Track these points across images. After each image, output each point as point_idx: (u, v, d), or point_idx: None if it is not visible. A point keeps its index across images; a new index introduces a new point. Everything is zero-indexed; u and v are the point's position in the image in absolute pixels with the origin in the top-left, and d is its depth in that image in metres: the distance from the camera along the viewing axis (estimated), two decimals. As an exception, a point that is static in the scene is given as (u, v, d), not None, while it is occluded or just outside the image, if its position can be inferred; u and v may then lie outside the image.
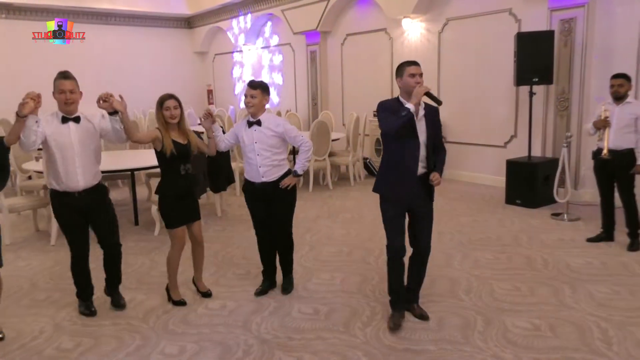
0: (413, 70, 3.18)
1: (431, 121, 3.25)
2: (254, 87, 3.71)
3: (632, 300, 3.64)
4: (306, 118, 10.79)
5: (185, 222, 3.78)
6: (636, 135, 4.60)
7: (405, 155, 3.21)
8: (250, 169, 3.83)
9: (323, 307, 3.73)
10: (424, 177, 3.25)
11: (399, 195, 3.28)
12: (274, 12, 11.15)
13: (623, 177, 4.71)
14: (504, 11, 7.22)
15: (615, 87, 4.66)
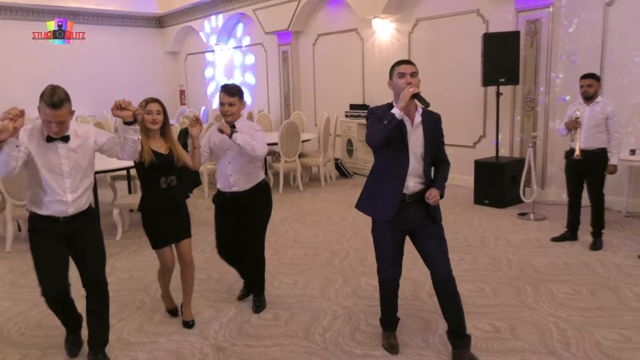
0: (402, 69, 2.75)
1: (430, 130, 2.81)
2: (231, 94, 3.40)
3: (592, 300, 3.65)
4: (278, 118, 10.70)
5: (171, 242, 3.41)
6: (607, 135, 4.62)
7: (393, 168, 2.79)
8: (221, 177, 3.56)
9: (284, 312, 3.65)
10: (420, 195, 2.82)
11: (385, 217, 2.84)
12: (246, 11, 11.04)
13: (594, 177, 4.72)
14: (471, 12, 7.25)
15: (585, 88, 4.66)
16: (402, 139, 2.75)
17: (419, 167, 2.80)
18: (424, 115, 2.81)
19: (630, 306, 3.54)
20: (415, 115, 2.79)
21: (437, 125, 2.88)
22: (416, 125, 2.78)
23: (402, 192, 2.79)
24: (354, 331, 3.33)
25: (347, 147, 9.13)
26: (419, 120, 2.79)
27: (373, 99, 8.95)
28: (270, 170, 8.18)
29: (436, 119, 2.89)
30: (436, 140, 2.87)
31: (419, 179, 2.82)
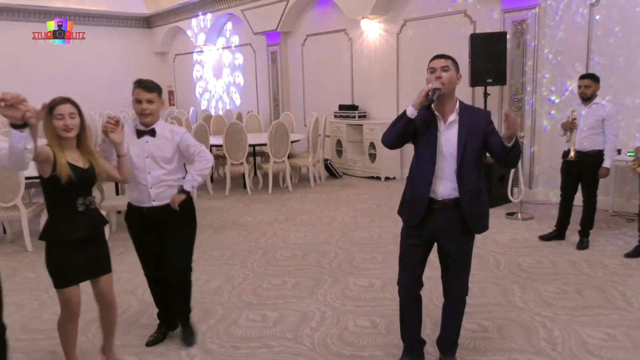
0: (433, 64, 2.53)
1: (468, 129, 2.50)
2: (149, 89, 2.92)
3: (578, 299, 3.68)
4: (267, 119, 10.68)
5: (85, 278, 2.72)
6: (604, 137, 4.60)
7: (419, 170, 2.59)
8: (137, 190, 3.02)
9: (272, 313, 3.64)
10: (452, 204, 2.55)
11: (411, 222, 2.66)
12: (234, 11, 11.00)
13: (588, 178, 4.72)
14: (459, 13, 7.28)
15: (582, 88, 4.64)
16: (429, 138, 2.53)
17: (451, 169, 2.52)
18: (464, 113, 2.53)
19: (616, 305, 3.57)
20: (452, 114, 2.54)
21: (482, 122, 2.54)
22: (450, 124, 2.52)
23: (428, 196, 2.56)
24: (342, 332, 3.32)
25: (337, 147, 9.13)
26: (453, 118, 2.52)
27: (362, 100, 8.96)
28: (259, 170, 8.17)
29: (480, 115, 2.58)
30: (478, 138, 2.51)
31: (451, 183, 2.53)
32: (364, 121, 8.56)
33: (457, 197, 2.54)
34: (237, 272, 4.46)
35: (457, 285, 2.72)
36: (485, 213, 2.67)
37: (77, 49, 12.51)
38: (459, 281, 2.71)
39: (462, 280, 2.71)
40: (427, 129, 2.54)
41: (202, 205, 6.97)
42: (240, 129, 7.56)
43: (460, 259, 2.66)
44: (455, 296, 2.75)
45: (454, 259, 2.65)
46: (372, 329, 3.34)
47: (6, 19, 11.49)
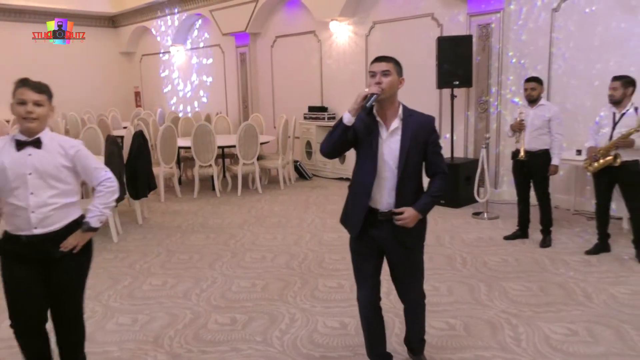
0: (373, 68, 2.42)
1: (412, 136, 2.39)
2: (38, 90, 2.41)
3: (541, 296, 3.77)
4: (237, 121, 10.60)
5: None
6: (550, 136, 4.79)
7: (360, 179, 2.47)
8: (15, 215, 2.39)
9: (241, 316, 3.61)
10: (390, 215, 2.44)
11: (353, 232, 2.56)
12: (202, 12, 10.89)
13: (539, 177, 4.89)
14: (426, 16, 7.38)
15: (529, 91, 4.83)
16: (370, 146, 2.40)
17: (392, 178, 2.41)
18: (407, 120, 2.41)
19: (577, 301, 3.68)
20: (394, 120, 2.42)
21: (426, 131, 2.44)
22: (393, 131, 2.41)
23: (368, 206, 2.46)
24: (311, 333, 3.32)
25: (306, 149, 9.13)
26: (396, 125, 2.41)
27: (332, 101, 8.99)
28: (228, 172, 8.10)
29: (425, 123, 2.46)
30: (421, 148, 2.43)
31: (392, 193, 2.43)
32: (333, 122, 8.56)
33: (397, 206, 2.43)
34: (206, 275, 4.41)
35: (411, 293, 2.66)
36: (420, 228, 2.54)
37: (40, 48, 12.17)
38: (413, 289, 2.64)
39: (415, 287, 2.64)
40: (369, 136, 2.41)
41: (170, 208, 6.87)
42: (209, 131, 7.48)
43: (408, 270, 2.58)
44: (412, 303, 2.70)
45: (402, 270, 2.58)
46: (341, 330, 3.35)
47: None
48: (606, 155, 4.36)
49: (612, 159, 4.30)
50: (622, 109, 4.35)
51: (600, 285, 3.93)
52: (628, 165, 4.32)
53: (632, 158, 4.33)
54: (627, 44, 5.62)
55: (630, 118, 4.28)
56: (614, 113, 4.40)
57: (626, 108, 4.33)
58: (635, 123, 4.23)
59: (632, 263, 4.37)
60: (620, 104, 4.35)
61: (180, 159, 8.33)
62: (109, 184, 2.54)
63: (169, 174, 7.48)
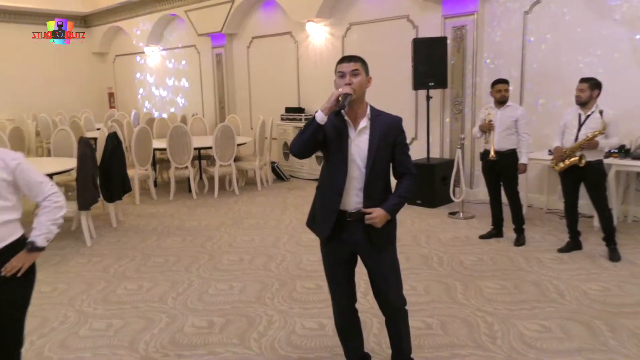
0: (342, 68, 2.39)
1: (380, 136, 2.37)
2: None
3: (516, 294, 3.84)
4: (213, 122, 10.52)
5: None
6: (517, 136, 4.89)
7: (330, 180, 2.42)
8: None
9: (219, 319, 3.58)
10: (361, 216, 2.39)
11: (322, 234, 2.50)
12: (177, 12, 10.78)
13: (508, 176, 4.99)
14: (402, 17, 7.44)
15: (502, 92, 4.93)
16: (339, 146, 2.38)
17: (360, 179, 2.38)
18: (375, 119, 2.40)
19: (550, 298, 3.75)
20: (362, 119, 2.40)
21: (393, 131, 2.42)
22: (361, 131, 2.38)
23: (339, 208, 2.41)
24: (289, 335, 3.31)
25: (284, 150, 9.11)
26: (364, 124, 2.39)
27: (309, 102, 9.00)
28: (205, 174, 8.02)
29: (392, 123, 2.43)
30: (389, 148, 2.41)
31: (360, 193, 2.39)
32: (310, 124, 8.57)
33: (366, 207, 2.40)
34: (182, 278, 4.36)
35: (390, 298, 2.53)
36: (390, 229, 2.48)
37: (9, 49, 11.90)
38: (391, 293, 2.52)
39: (393, 291, 2.53)
40: (338, 136, 2.38)
41: (146, 211, 6.77)
42: (185, 132, 7.40)
43: (384, 272, 2.49)
44: (393, 309, 2.57)
45: (377, 272, 2.51)
46: (319, 331, 3.35)
47: None
48: (572, 156, 4.46)
49: (578, 159, 4.40)
50: (588, 111, 4.45)
51: (573, 282, 4.02)
52: (592, 165, 4.43)
53: (595, 158, 4.44)
54: (597, 47, 5.76)
55: (596, 120, 4.38)
56: (580, 114, 4.50)
57: (591, 110, 4.44)
58: (600, 125, 4.34)
59: (603, 260, 4.48)
60: (587, 105, 4.46)
61: (155, 161, 8.22)
62: (55, 199, 2.34)
63: (144, 176, 7.38)
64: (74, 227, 5.85)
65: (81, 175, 5.11)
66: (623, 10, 5.55)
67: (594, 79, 4.47)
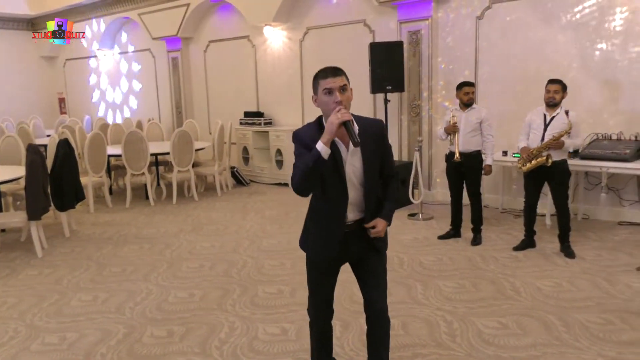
0: (329, 84, 2.16)
1: (371, 150, 2.28)
2: None
3: (474, 292, 3.93)
4: (170, 127, 10.32)
5: None
6: (482, 138, 5.01)
7: (329, 204, 2.33)
8: None
9: (179, 328, 3.50)
10: (360, 222, 2.36)
11: (318, 256, 2.45)
12: (131, 15, 10.53)
13: (472, 177, 5.09)
14: (359, 22, 7.52)
15: (470, 95, 5.02)
16: (336, 171, 2.25)
17: (358, 196, 2.32)
18: (362, 132, 2.21)
19: (507, 295, 3.85)
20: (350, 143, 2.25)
21: (380, 139, 2.34)
22: (354, 150, 2.26)
23: (342, 230, 2.34)
24: (252, 341, 3.27)
25: (243, 154, 9.04)
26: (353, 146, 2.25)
27: (268, 106, 8.96)
28: (162, 180, 7.86)
29: (377, 131, 2.34)
30: (378, 157, 2.34)
31: (358, 207, 2.35)
32: (270, 128, 8.56)
33: (363, 217, 2.37)
34: (140, 287, 4.25)
35: (379, 299, 2.47)
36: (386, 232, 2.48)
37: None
38: (381, 294, 2.48)
39: (383, 292, 2.49)
40: (333, 161, 2.22)
41: (101, 219, 6.57)
42: (141, 138, 7.23)
43: (378, 272, 2.46)
44: (383, 315, 2.49)
45: (372, 270, 2.46)
46: (282, 336, 3.33)
47: None
48: (539, 156, 4.60)
49: (545, 159, 4.55)
50: (553, 112, 4.61)
51: (527, 279, 4.14)
52: (558, 165, 4.58)
53: (560, 158, 4.60)
54: (544, 51, 5.98)
55: (561, 120, 4.54)
56: (545, 115, 4.65)
57: (557, 111, 4.60)
58: (566, 126, 4.50)
59: (556, 257, 4.64)
60: (555, 106, 4.60)
61: (110, 168, 7.99)
62: None
63: (99, 183, 7.16)
64: (24, 237, 5.62)
65: (30, 183, 4.90)
66: (569, 17, 5.79)
67: (561, 80, 4.63)
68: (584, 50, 5.74)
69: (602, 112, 5.68)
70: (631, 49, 5.45)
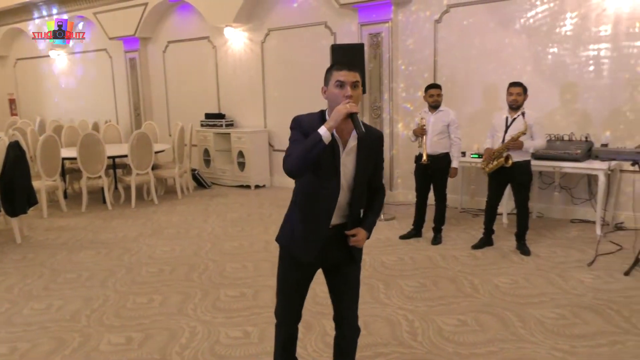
0: (342, 77, 2.14)
1: (366, 154, 2.25)
2: None
3: (434, 291, 3.99)
4: (128, 129, 10.09)
5: None
6: (449, 140, 5.07)
7: (319, 200, 2.24)
8: None
9: (137, 334, 3.41)
10: (341, 228, 2.30)
11: (304, 253, 2.31)
12: (86, 14, 10.24)
13: (439, 179, 5.16)
14: (320, 24, 7.55)
15: (435, 97, 5.08)
16: (332, 165, 2.19)
17: (345, 198, 2.26)
18: (362, 136, 2.18)
19: (466, 293, 3.94)
20: (350, 137, 2.21)
21: (377, 147, 2.32)
22: (349, 150, 2.22)
23: (327, 231, 2.27)
24: (213, 345, 3.22)
25: (204, 157, 8.92)
26: (354, 143, 2.21)
27: (229, 108, 8.88)
28: (120, 184, 7.66)
29: (376, 140, 2.31)
30: (372, 165, 2.31)
31: (342, 212, 2.29)
32: (231, 130, 8.48)
33: (344, 223, 2.31)
34: (97, 293, 4.12)
35: (352, 312, 2.46)
36: None
37: None
38: (353, 306, 2.45)
39: (355, 305, 2.46)
40: (331, 154, 2.18)
41: (55, 224, 6.34)
42: (97, 140, 7.03)
43: (352, 283, 2.42)
44: (351, 323, 2.47)
45: (347, 281, 2.41)
46: (244, 339, 3.29)
47: None
48: (499, 157, 4.72)
49: (504, 160, 4.67)
50: (515, 114, 4.73)
51: (486, 277, 4.24)
52: (520, 165, 4.71)
53: (523, 159, 4.73)
54: (500, 54, 6.16)
55: (520, 122, 4.67)
56: (507, 117, 4.78)
57: (518, 113, 4.73)
58: (522, 127, 4.63)
59: (512, 255, 4.77)
60: (519, 109, 4.72)
61: (65, 171, 7.74)
62: None
63: (53, 187, 6.92)
64: (-28, 244, 5.37)
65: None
66: (522, 21, 5.98)
67: (522, 83, 4.76)
68: (537, 54, 5.93)
69: (554, 114, 5.89)
70: (581, 53, 5.67)
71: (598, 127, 5.64)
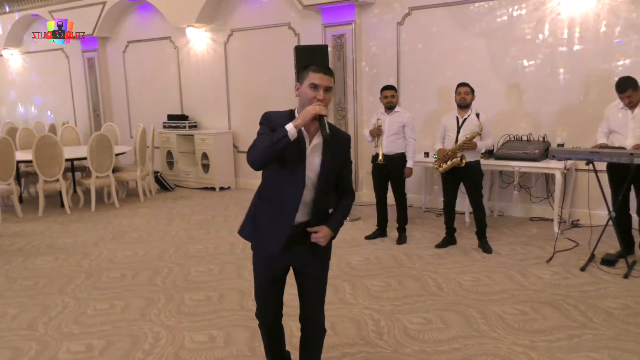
0: (317, 80, 2.19)
1: (331, 154, 2.30)
2: None
3: (400, 290, 4.04)
4: (87, 131, 9.82)
5: None
6: (404, 141, 5.15)
7: (286, 192, 2.28)
8: None
9: (98, 341, 3.32)
10: (304, 226, 2.33)
11: (268, 245, 2.35)
12: (40, 13, 9.91)
13: (396, 179, 5.24)
14: (283, 25, 7.53)
15: (389, 98, 5.15)
16: (299, 159, 2.25)
17: (310, 195, 2.30)
18: (327, 137, 2.22)
19: (430, 291, 4.00)
20: (316, 135, 2.28)
21: (343, 148, 2.39)
22: (314, 147, 2.28)
23: (293, 225, 2.30)
24: (178, 350, 3.17)
25: (167, 159, 8.76)
26: (318, 141, 2.28)
27: (192, 109, 8.75)
28: (79, 187, 7.44)
29: (343, 141, 2.39)
30: (338, 165, 2.36)
31: (306, 208, 2.32)
32: (195, 131, 8.36)
33: (308, 221, 2.35)
34: (55, 300, 3.99)
35: (316, 311, 2.51)
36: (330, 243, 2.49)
37: None
38: (317, 306, 2.50)
39: (320, 305, 2.51)
40: (298, 149, 2.24)
41: (9, 230, 6.10)
42: (54, 142, 6.81)
43: (317, 283, 2.47)
44: (320, 327, 2.54)
45: (311, 280, 2.46)
46: (210, 343, 3.25)
47: None
48: (453, 157, 4.82)
49: (459, 160, 4.77)
50: (465, 114, 4.85)
51: (450, 275, 4.32)
52: (472, 165, 4.83)
53: (474, 159, 4.86)
54: (460, 57, 6.29)
55: (472, 122, 4.78)
56: (458, 117, 4.88)
57: (468, 113, 4.84)
58: (477, 127, 4.74)
59: (474, 253, 4.88)
60: (466, 108, 4.84)
61: (20, 175, 7.46)
62: None
63: (7, 191, 6.66)
64: None
65: None
66: (481, 24, 6.12)
67: (469, 83, 4.88)
68: (495, 57, 6.09)
69: (513, 115, 6.06)
70: (537, 55, 5.85)
71: (554, 127, 5.83)
